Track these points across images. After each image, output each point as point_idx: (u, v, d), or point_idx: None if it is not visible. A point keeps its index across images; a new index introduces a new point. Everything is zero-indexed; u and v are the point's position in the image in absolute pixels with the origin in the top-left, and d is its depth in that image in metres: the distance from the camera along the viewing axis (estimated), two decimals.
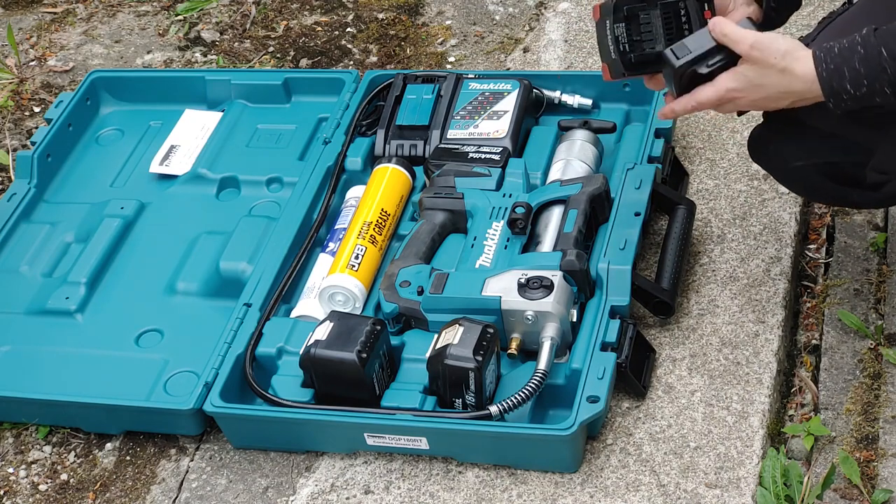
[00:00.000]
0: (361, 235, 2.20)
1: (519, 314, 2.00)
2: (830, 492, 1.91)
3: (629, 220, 2.15)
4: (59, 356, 2.21)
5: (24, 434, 2.18)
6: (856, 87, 1.73)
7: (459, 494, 1.95)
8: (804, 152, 1.96)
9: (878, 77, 1.72)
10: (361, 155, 2.42)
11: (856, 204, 2.06)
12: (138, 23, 3.08)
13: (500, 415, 1.91)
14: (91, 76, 2.69)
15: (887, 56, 1.71)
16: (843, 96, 1.74)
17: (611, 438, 1.99)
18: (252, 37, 2.98)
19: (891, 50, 1.71)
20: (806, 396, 2.10)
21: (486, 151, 2.31)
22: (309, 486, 2.01)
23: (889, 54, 1.71)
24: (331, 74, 2.63)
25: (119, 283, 2.33)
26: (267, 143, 2.55)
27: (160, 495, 2.05)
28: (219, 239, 2.34)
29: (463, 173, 2.26)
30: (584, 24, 2.82)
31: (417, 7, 2.99)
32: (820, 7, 2.75)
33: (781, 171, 2.04)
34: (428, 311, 2.06)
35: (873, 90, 1.73)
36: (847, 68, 1.73)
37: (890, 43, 1.71)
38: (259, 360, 2.09)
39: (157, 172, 2.53)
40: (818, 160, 1.97)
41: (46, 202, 2.52)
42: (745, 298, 2.17)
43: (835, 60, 1.74)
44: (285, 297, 2.20)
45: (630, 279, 2.06)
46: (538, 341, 1.98)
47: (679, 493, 1.90)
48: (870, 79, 1.72)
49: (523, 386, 1.92)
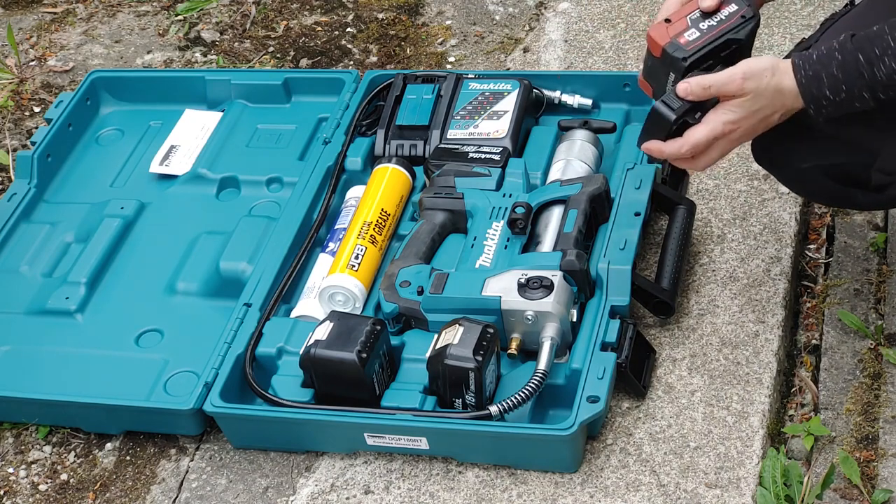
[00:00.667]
0: (361, 235, 2.20)
1: (519, 314, 2.00)
2: (830, 492, 1.91)
3: (629, 220, 2.15)
4: (59, 356, 2.21)
5: (24, 434, 2.18)
6: (835, 93, 1.76)
7: (459, 494, 1.96)
8: (809, 154, 1.97)
9: (856, 82, 1.75)
10: (361, 155, 2.42)
11: (861, 206, 2.07)
12: (138, 23, 3.09)
13: (500, 415, 1.91)
14: (91, 76, 2.69)
15: (864, 62, 1.74)
16: (822, 102, 1.78)
17: (611, 438, 1.99)
18: (252, 37, 2.98)
19: (867, 56, 1.74)
20: (806, 396, 2.10)
21: (486, 151, 2.31)
22: (309, 486, 2.01)
23: (865, 60, 1.74)
24: (331, 74, 2.63)
25: (119, 283, 2.33)
26: (267, 143, 2.54)
27: (160, 495, 2.05)
28: (219, 239, 2.34)
29: (463, 173, 2.26)
30: (584, 24, 2.82)
31: (417, 7, 2.99)
32: (820, 7, 2.75)
33: (786, 174, 2.05)
34: (428, 311, 2.06)
35: (852, 95, 1.76)
36: (825, 74, 1.76)
37: (866, 48, 1.74)
38: (259, 360, 2.09)
39: (157, 172, 2.53)
40: (823, 162, 1.97)
41: (46, 202, 2.52)
42: (745, 298, 2.17)
43: (813, 67, 1.77)
44: (285, 297, 2.20)
45: (630, 279, 2.06)
46: (538, 341, 1.98)
47: (679, 493, 1.90)
48: (848, 84, 1.75)
49: (523, 386, 1.92)
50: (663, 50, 1.89)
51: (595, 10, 2.86)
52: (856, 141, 1.91)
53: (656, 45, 1.90)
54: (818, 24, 2.55)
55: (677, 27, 1.90)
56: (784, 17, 2.75)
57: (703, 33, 1.89)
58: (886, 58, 1.73)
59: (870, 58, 1.73)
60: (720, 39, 1.89)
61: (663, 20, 1.91)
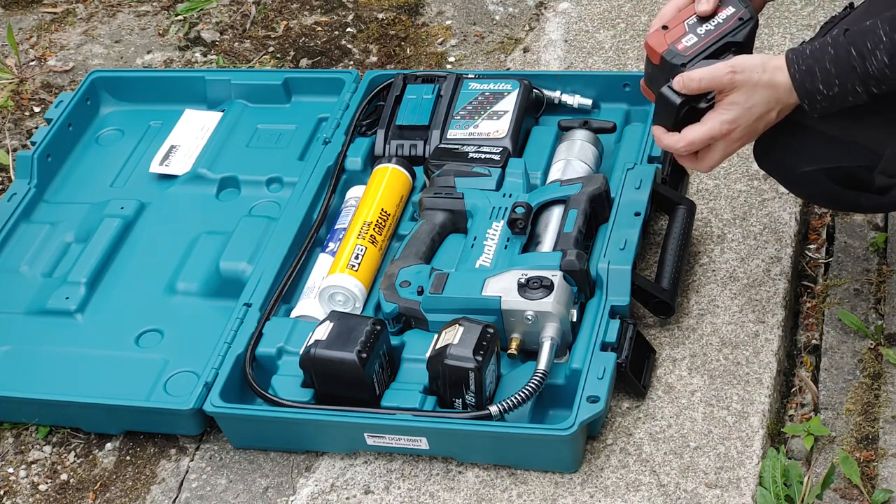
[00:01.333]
0: (361, 235, 2.20)
1: (519, 314, 2.00)
2: (830, 492, 1.91)
3: (629, 220, 2.15)
4: (59, 356, 2.21)
5: (24, 434, 2.18)
6: (828, 88, 1.77)
7: (459, 494, 1.96)
8: (811, 157, 1.97)
9: (849, 77, 1.75)
10: (361, 155, 2.42)
11: (864, 209, 2.07)
12: (138, 23, 3.09)
13: (500, 415, 1.91)
14: (91, 76, 2.69)
15: (856, 55, 1.74)
16: (816, 97, 1.78)
17: (611, 438, 1.99)
18: (252, 37, 2.98)
19: (859, 50, 1.74)
20: (806, 396, 2.10)
21: (486, 151, 2.31)
22: (309, 486, 2.01)
23: (858, 54, 1.74)
24: (331, 74, 2.63)
25: (119, 283, 2.33)
26: (267, 143, 2.55)
27: (160, 495, 2.05)
28: (219, 239, 2.34)
29: (463, 173, 2.26)
30: (584, 24, 2.82)
31: (417, 7, 2.99)
32: (820, 7, 2.75)
33: (788, 177, 2.04)
34: (428, 311, 2.06)
35: (845, 90, 1.77)
36: (819, 69, 1.77)
37: (858, 43, 1.74)
38: (259, 360, 2.09)
39: (157, 172, 2.53)
40: (825, 165, 1.97)
41: (46, 202, 2.52)
42: (745, 298, 2.17)
43: (807, 62, 1.78)
44: (285, 297, 2.20)
45: (630, 279, 2.06)
46: (538, 341, 1.98)
47: (679, 493, 1.90)
48: (841, 79, 1.76)
49: (523, 386, 1.92)
50: (661, 57, 1.90)
51: (595, 10, 2.86)
52: (858, 143, 1.91)
53: (655, 53, 1.91)
54: (818, 25, 2.55)
55: (675, 33, 1.90)
56: (784, 17, 2.75)
57: (701, 38, 1.89)
58: (878, 51, 1.73)
59: (862, 52, 1.74)
60: (718, 43, 1.89)
61: (660, 27, 1.91)
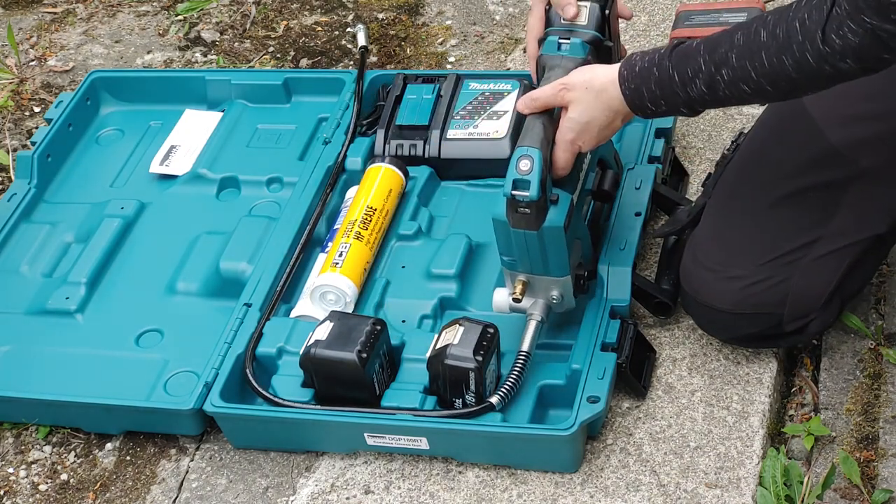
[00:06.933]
0: (346, 233, 2.21)
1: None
2: (830, 492, 1.91)
3: (629, 220, 2.15)
4: (59, 356, 2.21)
5: (24, 434, 2.18)
6: (656, 106, 1.80)
7: (459, 494, 1.96)
8: (720, 330, 2.05)
9: (673, 99, 1.77)
10: (361, 155, 2.42)
11: (788, 346, 2.10)
12: (138, 23, 3.09)
13: (501, 403, 1.92)
14: (91, 76, 2.69)
15: (678, 82, 1.75)
16: (648, 112, 1.81)
17: (611, 438, 1.99)
18: (252, 37, 2.98)
19: (681, 77, 1.75)
20: (806, 396, 2.10)
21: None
22: (309, 486, 2.01)
23: (680, 81, 1.75)
24: (331, 74, 2.63)
25: (119, 283, 2.33)
26: (267, 143, 2.55)
27: (160, 495, 2.05)
28: (219, 239, 2.34)
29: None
30: None
31: (417, 7, 2.99)
32: None
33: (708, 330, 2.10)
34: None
35: (673, 108, 1.80)
36: (645, 89, 1.79)
37: (680, 68, 1.75)
38: (259, 360, 2.09)
39: (157, 172, 2.53)
40: (735, 335, 2.04)
41: (46, 202, 2.52)
42: None
43: (635, 81, 1.80)
44: (285, 297, 2.20)
45: (630, 279, 2.06)
46: (546, 296, 1.98)
47: (679, 493, 1.90)
48: (666, 100, 1.78)
49: (509, 372, 1.94)
50: None
51: None
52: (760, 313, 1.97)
53: None
54: None
55: None
56: None
57: None
58: (697, 80, 1.74)
59: (683, 79, 1.75)
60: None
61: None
